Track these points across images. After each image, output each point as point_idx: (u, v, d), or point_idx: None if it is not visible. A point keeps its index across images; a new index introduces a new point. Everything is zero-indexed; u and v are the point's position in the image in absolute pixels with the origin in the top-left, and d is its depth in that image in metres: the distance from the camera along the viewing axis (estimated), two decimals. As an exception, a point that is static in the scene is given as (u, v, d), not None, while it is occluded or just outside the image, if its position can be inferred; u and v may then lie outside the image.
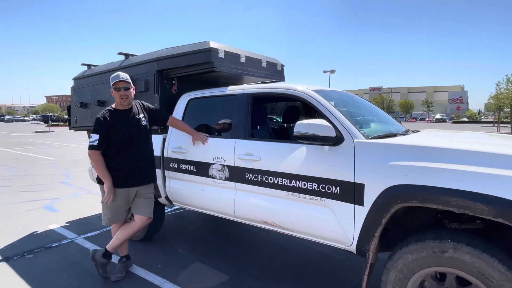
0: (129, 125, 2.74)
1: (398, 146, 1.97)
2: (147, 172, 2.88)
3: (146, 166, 2.86)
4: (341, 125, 2.20)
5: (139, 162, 2.79)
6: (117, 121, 2.69)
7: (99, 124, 2.66)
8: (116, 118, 2.70)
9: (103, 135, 2.63)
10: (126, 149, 2.72)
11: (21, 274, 2.91)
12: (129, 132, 2.72)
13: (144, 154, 2.84)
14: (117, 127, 2.67)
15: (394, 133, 2.49)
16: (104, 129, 2.63)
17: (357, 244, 2.08)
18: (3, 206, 5.01)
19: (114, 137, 2.66)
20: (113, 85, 2.69)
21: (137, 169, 2.78)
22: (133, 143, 2.75)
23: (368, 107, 3.03)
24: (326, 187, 2.19)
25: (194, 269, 3.02)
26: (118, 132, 2.67)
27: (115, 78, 2.70)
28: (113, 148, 2.69)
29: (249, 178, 2.62)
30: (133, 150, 2.75)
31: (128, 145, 2.72)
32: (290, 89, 2.59)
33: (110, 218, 2.80)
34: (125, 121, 2.74)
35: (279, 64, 4.06)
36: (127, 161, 2.72)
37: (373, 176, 1.98)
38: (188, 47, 3.24)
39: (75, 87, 4.63)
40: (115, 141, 2.67)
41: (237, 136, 2.77)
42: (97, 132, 2.64)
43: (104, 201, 2.68)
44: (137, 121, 2.80)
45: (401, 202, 1.85)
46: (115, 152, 2.70)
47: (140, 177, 2.81)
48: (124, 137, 2.69)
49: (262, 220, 2.57)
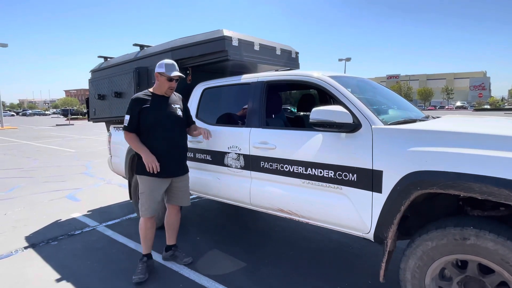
0: (165, 111, 2.69)
1: (418, 131, 1.92)
2: (182, 163, 2.83)
3: (180, 156, 2.79)
4: (359, 111, 2.15)
5: (173, 149, 2.71)
6: (153, 104, 2.65)
7: (132, 104, 2.65)
8: (152, 101, 2.66)
9: (134, 116, 2.62)
10: (155, 135, 2.65)
11: (47, 260, 3.03)
12: (164, 116, 2.67)
13: (178, 143, 2.76)
14: (151, 110, 2.62)
15: (413, 119, 2.42)
16: (135, 110, 2.62)
17: (375, 231, 2.06)
18: (28, 196, 5.21)
19: (147, 119, 2.62)
20: (167, 74, 2.63)
21: (172, 158, 2.71)
22: (167, 128, 2.67)
23: (386, 93, 2.95)
24: (343, 174, 2.16)
25: (211, 256, 3.07)
26: (152, 115, 2.62)
27: (172, 68, 2.66)
28: (146, 131, 2.65)
29: (264, 166, 2.61)
30: (164, 137, 2.67)
31: (161, 130, 2.65)
32: (305, 76, 2.55)
33: (148, 208, 2.68)
34: (161, 106, 2.69)
35: (294, 51, 4.00)
36: (159, 147, 2.65)
37: (392, 163, 1.94)
38: (201, 36, 3.23)
39: (92, 79, 4.71)
40: (148, 123, 2.62)
41: (252, 124, 2.76)
42: (129, 112, 2.65)
43: (149, 170, 2.57)
44: (174, 109, 2.76)
45: (421, 189, 1.81)
46: (149, 135, 2.65)
47: (177, 166, 2.76)
48: (158, 121, 2.64)
49: (278, 208, 2.58)
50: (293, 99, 4.92)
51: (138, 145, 2.64)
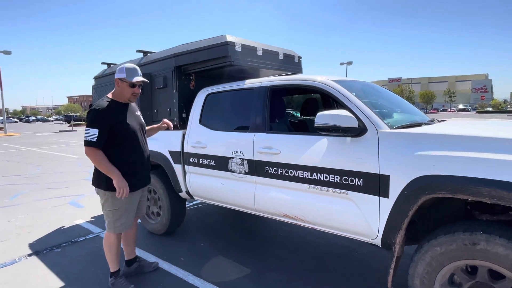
0: (132, 120, 2.52)
1: (425, 135, 1.90)
2: (149, 172, 2.73)
3: (148, 166, 2.68)
4: (364, 116, 2.14)
5: (143, 160, 2.60)
6: (121, 114, 2.44)
7: (99, 115, 2.32)
8: (118, 111, 2.44)
9: (104, 129, 2.32)
10: (130, 146, 2.47)
11: (51, 267, 3.02)
12: (132, 126, 2.49)
13: (146, 152, 2.64)
14: (120, 121, 2.41)
15: (419, 122, 2.40)
16: (105, 123, 2.33)
17: (383, 237, 2.03)
18: (31, 203, 5.20)
19: (117, 131, 2.38)
20: (129, 79, 2.42)
21: (143, 167, 2.60)
22: (137, 139, 2.53)
23: (390, 97, 2.94)
24: (349, 179, 2.14)
25: (215, 262, 3.05)
26: (122, 126, 2.41)
27: (134, 73, 2.45)
28: (115, 144, 2.40)
29: (269, 171, 2.60)
30: (137, 148, 2.53)
31: (131, 141, 2.48)
32: (309, 80, 2.55)
33: (124, 223, 2.52)
34: (127, 115, 2.49)
35: (296, 56, 4.00)
36: (133, 159, 2.50)
37: (399, 167, 1.92)
38: (204, 42, 3.24)
39: (96, 85, 4.73)
40: (119, 136, 2.40)
41: (256, 129, 2.75)
42: (96, 125, 2.31)
43: (119, 196, 2.35)
44: (138, 117, 2.64)
45: (429, 193, 1.79)
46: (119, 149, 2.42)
47: (147, 176, 2.68)
48: (128, 132, 2.45)
49: (283, 214, 2.55)
50: (295, 103, 4.91)
51: (108, 166, 2.34)
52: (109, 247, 2.59)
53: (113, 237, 2.56)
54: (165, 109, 3.59)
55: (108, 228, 2.55)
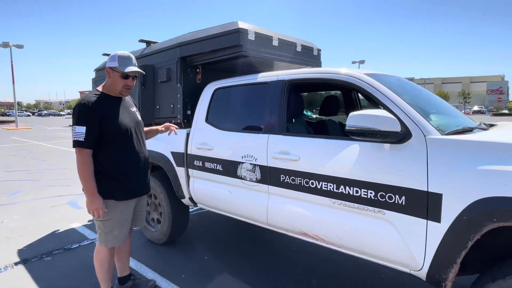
0: (125, 117, 2.15)
1: (490, 144, 1.48)
2: (147, 179, 2.33)
3: (145, 170, 2.29)
4: (407, 117, 1.72)
5: (141, 163, 2.23)
6: (111, 110, 2.07)
7: (86, 111, 1.96)
8: (107, 105, 2.07)
9: (93, 126, 1.97)
10: (122, 147, 2.11)
11: (37, 280, 2.69)
12: (125, 124, 2.12)
13: (144, 155, 2.28)
14: (110, 118, 2.05)
15: (470, 127, 1.97)
16: (93, 119, 1.97)
17: (429, 270, 1.62)
18: (29, 202, 4.93)
19: (107, 130, 2.03)
20: (121, 69, 2.05)
21: (140, 173, 2.23)
22: (131, 139, 2.16)
23: (429, 96, 2.50)
24: (386, 195, 1.73)
25: (221, 282, 2.67)
26: (113, 124, 2.05)
27: (128, 63, 2.08)
28: (105, 146, 2.05)
29: (285, 180, 2.20)
30: (131, 149, 2.16)
31: (125, 142, 2.12)
32: (334, 73, 2.13)
33: (117, 237, 2.19)
34: (119, 111, 2.13)
35: (316, 48, 3.59)
36: (126, 162, 2.14)
37: (455, 185, 1.50)
38: (214, 29, 2.85)
39: (96, 78, 4.40)
40: (109, 136, 2.04)
41: (270, 131, 2.36)
42: (83, 122, 1.95)
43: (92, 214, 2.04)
44: (134, 114, 2.26)
45: (498, 221, 1.37)
46: (109, 150, 2.07)
47: (145, 183, 2.30)
48: (120, 131, 2.09)
49: (301, 232, 2.16)
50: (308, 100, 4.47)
51: (90, 180, 1.99)
52: (100, 262, 2.25)
53: (105, 252, 2.23)
54: (168, 105, 3.23)
55: (99, 241, 2.21)
